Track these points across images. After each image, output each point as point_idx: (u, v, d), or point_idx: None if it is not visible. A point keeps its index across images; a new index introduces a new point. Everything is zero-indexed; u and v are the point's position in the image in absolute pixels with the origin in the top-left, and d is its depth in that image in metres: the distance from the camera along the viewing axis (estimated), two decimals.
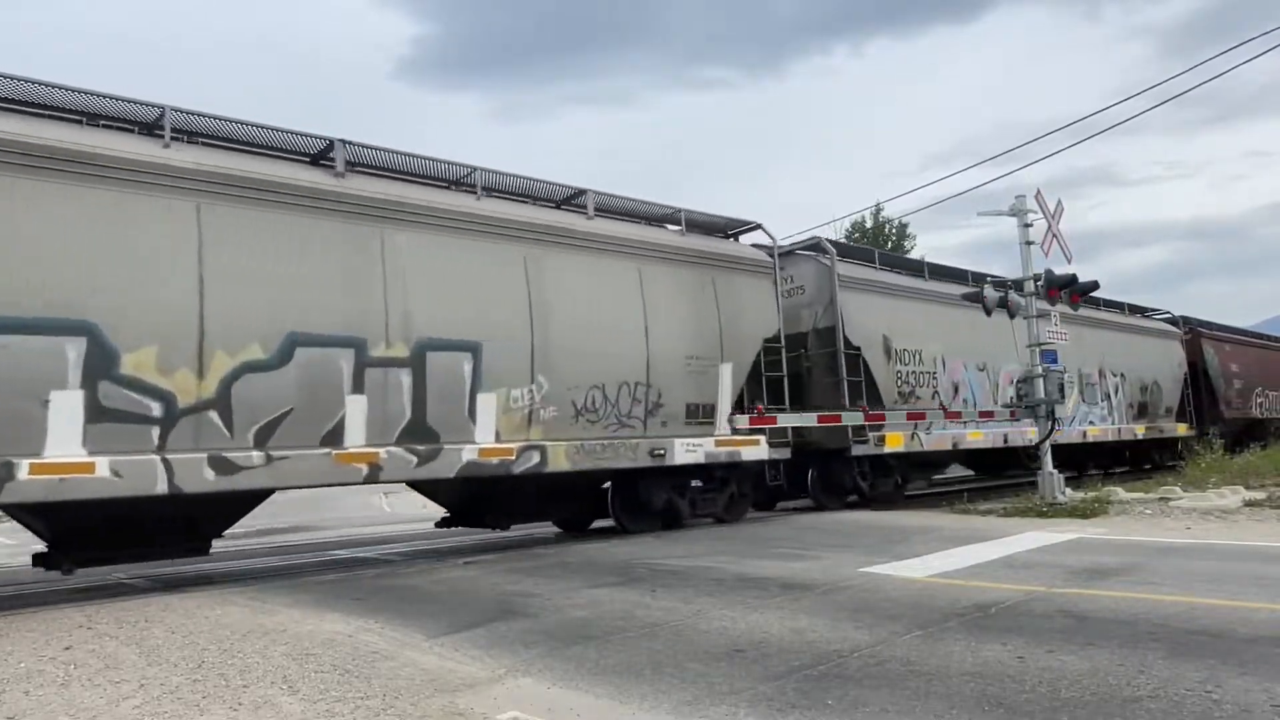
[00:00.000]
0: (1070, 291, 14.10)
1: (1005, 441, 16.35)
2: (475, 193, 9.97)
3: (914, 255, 30.91)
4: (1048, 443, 13.72)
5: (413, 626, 5.72)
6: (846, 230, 36.84)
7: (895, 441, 14.03)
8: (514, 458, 9.63)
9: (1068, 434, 17.37)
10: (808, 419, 12.88)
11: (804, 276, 14.30)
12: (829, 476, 14.09)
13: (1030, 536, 9.51)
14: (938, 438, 15.01)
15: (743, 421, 12.00)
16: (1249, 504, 11.46)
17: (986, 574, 7.14)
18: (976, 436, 15.84)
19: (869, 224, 37.95)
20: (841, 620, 5.47)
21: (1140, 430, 20.76)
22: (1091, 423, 19.09)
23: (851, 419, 13.41)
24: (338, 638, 5.43)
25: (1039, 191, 14.07)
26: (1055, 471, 13.38)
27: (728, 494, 12.20)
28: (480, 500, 10.70)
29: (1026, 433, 15.68)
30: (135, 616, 6.27)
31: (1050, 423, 13.71)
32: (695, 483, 11.89)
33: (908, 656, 4.53)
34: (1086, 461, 19.68)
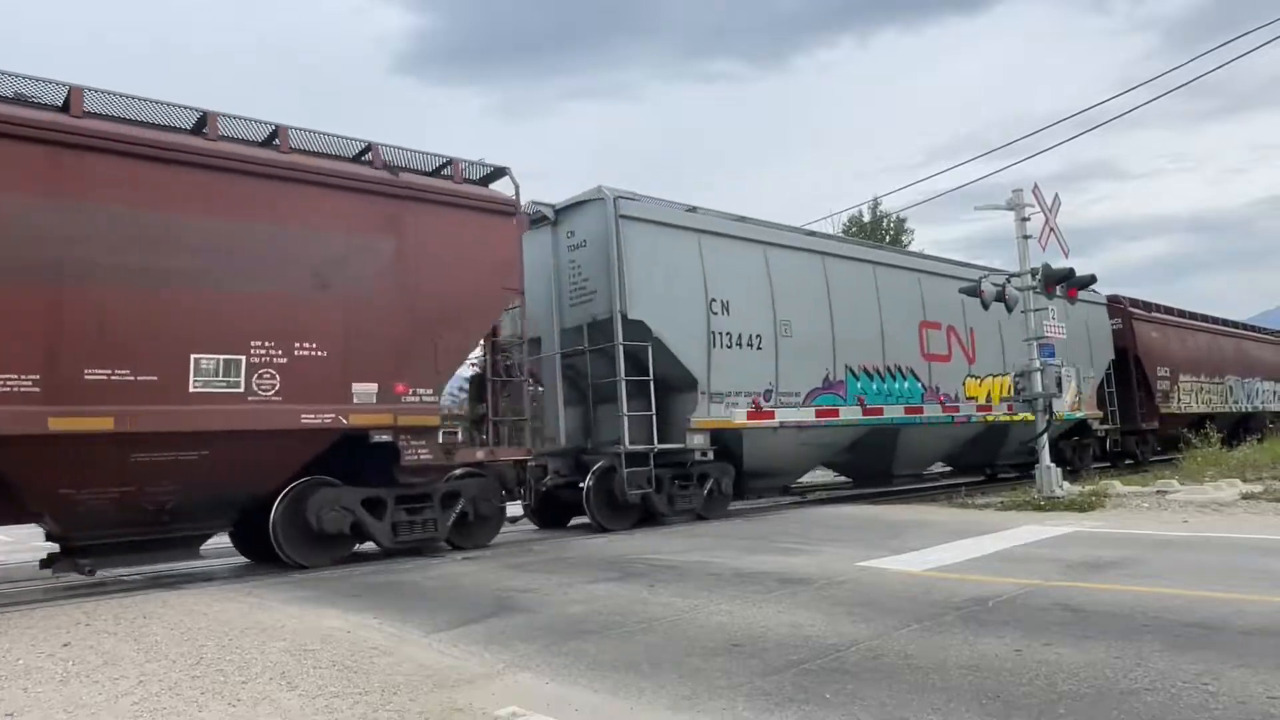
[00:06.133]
0: (1067, 285, 14.11)
1: None
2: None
3: (912, 249, 30.78)
4: (1045, 437, 13.73)
5: (411, 622, 5.73)
6: (844, 225, 36.78)
7: None
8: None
9: None
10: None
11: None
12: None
13: (1027, 530, 9.53)
14: None
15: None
16: (1246, 497, 11.48)
17: (984, 567, 7.16)
18: None
19: (866, 218, 37.89)
20: (839, 614, 5.48)
21: None
22: None
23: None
24: (336, 634, 5.44)
25: (1036, 186, 14.05)
26: (1053, 465, 13.39)
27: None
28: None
29: None
30: (134, 613, 6.28)
31: (1048, 416, 13.71)
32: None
33: (905, 650, 4.53)
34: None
